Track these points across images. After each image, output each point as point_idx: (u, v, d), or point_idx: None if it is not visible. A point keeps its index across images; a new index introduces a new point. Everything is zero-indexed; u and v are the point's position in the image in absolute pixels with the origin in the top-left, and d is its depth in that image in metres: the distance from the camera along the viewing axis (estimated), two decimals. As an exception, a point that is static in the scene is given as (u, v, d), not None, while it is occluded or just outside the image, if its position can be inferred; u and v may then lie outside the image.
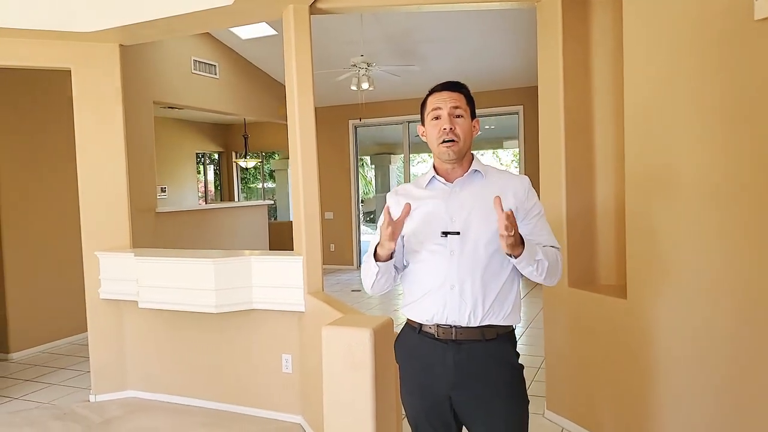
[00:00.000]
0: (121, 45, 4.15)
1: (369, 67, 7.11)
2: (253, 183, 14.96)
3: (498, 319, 1.78)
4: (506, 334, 1.82)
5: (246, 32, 7.51)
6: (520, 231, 1.71)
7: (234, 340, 3.92)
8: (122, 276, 3.98)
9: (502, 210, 1.59)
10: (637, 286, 2.87)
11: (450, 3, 3.63)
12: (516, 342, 1.87)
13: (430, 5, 3.67)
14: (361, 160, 14.25)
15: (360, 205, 10.65)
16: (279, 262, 3.66)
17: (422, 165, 19.00)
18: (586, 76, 3.45)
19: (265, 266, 3.66)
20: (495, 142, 12.17)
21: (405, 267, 1.90)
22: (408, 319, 1.90)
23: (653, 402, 2.81)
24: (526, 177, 1.88)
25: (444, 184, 1.84)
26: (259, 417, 3.81)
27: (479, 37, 7.43)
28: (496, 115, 9.31)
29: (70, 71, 4.05)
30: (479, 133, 1.87)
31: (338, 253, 10.20)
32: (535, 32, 3.62)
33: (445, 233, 1.76)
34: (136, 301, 3.87)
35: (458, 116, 1.80)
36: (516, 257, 1.68)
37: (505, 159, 16.56)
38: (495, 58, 7.86)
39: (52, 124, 5.51)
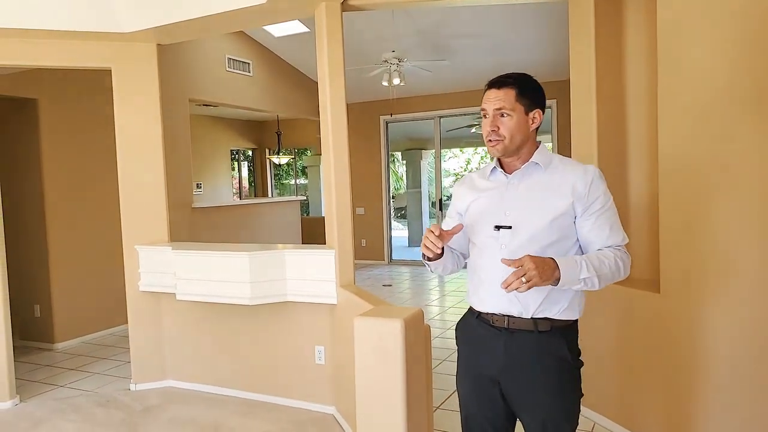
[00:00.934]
0: (158, 44, 4.26)
1: (400, 63, 7.14)
2: (285, 179, 15.14)
3: (552, 313, 1.77)
4: (562, 328, 1.80)
5: (279, 30, 7.61)
6: (579, 225, 1.76)
7: (268, 332, 4.01)
8: (161, 269, 4.10)
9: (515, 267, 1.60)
10: (670, 280, 2.84)
11: (481, -4, 3.63)
12: (574, 336, 1.85)
13: (461, -1, 3.68)
14: (392, 155, 14.29)
15: (391, 200, 10.69)
16: (312, 255, 3.73)
17: (453, 160, 18.97)
18: (619, 70, 3.41)
19: (298, 259, 3.73)
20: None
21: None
22: (470, 306, 1.96)
23: (687, 398, 2.78)
24: (593, 168, 1.80)
25: (504, 175, 1.86)
26: (292, 407, 3.88)
27: (510, 31, 7.37)
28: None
29: (110, 70, 4.19)
30: (539, 123, 1.81)
31: (369, 249, 10.27)
32: (567, 25, 3.60)
33: (498, 227, 1.78)
34: (174, 294, 3.99)
35: (503, 115, 1.78)
36: (556, 283, 1.65)
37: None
38: (526, 52, 7.80)
39: (94, 122, 5.70)
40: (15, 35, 3.89)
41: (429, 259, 1.87)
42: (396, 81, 7.20)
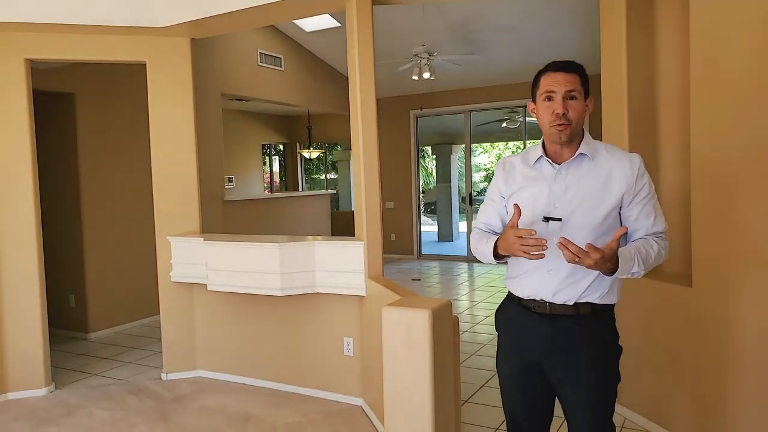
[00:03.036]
0: (192, 39, 4.32)
1: (430, 57, 7.11)
2: (316, 174, 15.24)
3: (594, 299, 1.82)
4: (602, 312, 1.85)
5: (310, 25, 7.65)
6: (625, 214, 1.80)
7: (297, 323, 4.04)
8: (192, 260, 4.17)
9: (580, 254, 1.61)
10: (703, 274, 2.78)
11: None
12: (613, 319, 1.90)
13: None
14: (422, 150, 14.24)
15: (421, 195, 10.66)
16: (341, 247, 3.74)
17: (484, 155, 18.84)
18: (650, 64, 3.34)
19: (327, 251, 3.75)
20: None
21: None
22: (509, 291, 1.97)
23: (720, 396, 2.71)
24: (637, 156, 1.83)
25: (551, 165, 1.84)
26: (320, 398, 3.91)
27: (540, 26, 7.27)
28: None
29: (145, 64, 4.26)
30: (591, 110, 1.84)
31: (399, 243, 10.27)
32: (597, 20, 3.53)
33: (547, 219, 1.79)
34: (205, 284, 4.05)
35: (572, 98, 1.77)
36: (609, 274, 1.72)
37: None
38: (556, 47, 7.67)
39: (129, 116, 5.81)
40: (52, 30, 3.99)
41: (501, 259, 1.87)
42: (426, 75, 7.16)
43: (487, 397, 3.86)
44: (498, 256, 1.85)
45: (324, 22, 7.46)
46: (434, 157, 14.19)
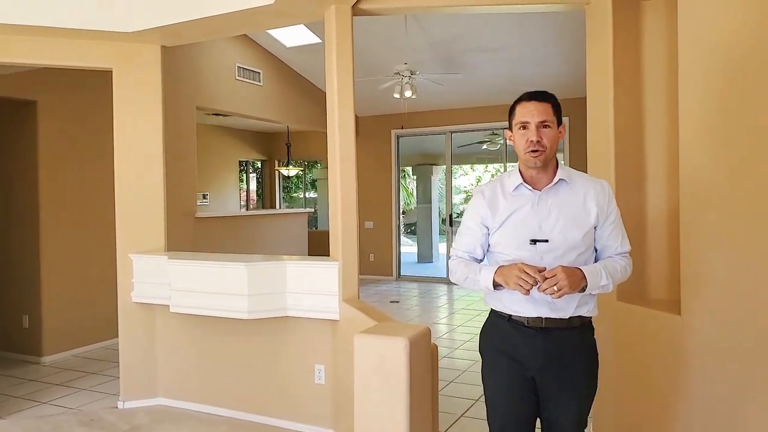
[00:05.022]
0: (163, 46, 4.12)
1: (412, 75, 6.98)
2: (295, 192, 14.99)
3: (583, 312, 1.97)
4: (589, 322, 2.02)
5: (290, 40, 7.50)
6: (597, 235, 1.97)
7: (266, 348, 3.80)
8: (155, 279, 3.91)
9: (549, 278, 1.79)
10: (693, 301, 2.64)
11: (497, 5, 3.48)
12: (593, 330, 2.07)
13: (476, 6, 3.53)
14: (403, 170, 14.11)
15: (401, 215, 10.50)
16: (314, 267, 3.54)
17: (464, 178, 18.78)
18: (637, 80, 3.24)
19: (300, 271, 3.54)
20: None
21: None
22: (494, 310, 2.04)
23: (708, 428, 2.54)
24: (606, 182, 2.02)
25: (531, 191, 1.95)
26: (289, 429, 3.67)
27: (524, 47, 7.22)
28: (541, 126, 9.06)
29: (111, 72, 4.04)
30: (563, 136, 1.98)
31: (377, 264, 10.05)
32: (581, 42, 3.44)
33: (534, 241, 1.90)
34: (168, 306, 3.79)
35: (545, 127, 1.90)
36: (581, 291, 1.87)
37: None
38: (540, 69, 7.64)
39: (94, 125, 5.53)
40: (13, 32, 3.75)
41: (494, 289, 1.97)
42: (408, 93, 7.03)
43: (467, 428, 3.65)
44: (495, 285, 1.93)
45: (304, 37, 7.31)
46: (415, 177, 14.08)
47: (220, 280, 3.57)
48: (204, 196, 10.02)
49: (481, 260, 2.06)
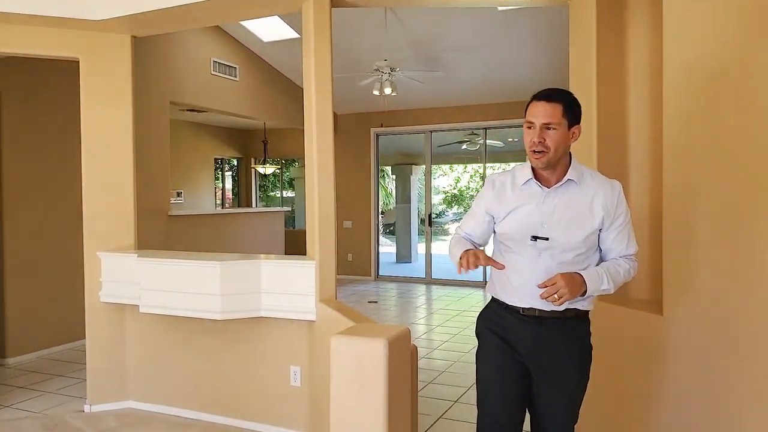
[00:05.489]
0: (133, 36, 3.96)
1: (392, 72, 6.89)
2: (272, 191, 14.80)
3: (577, 305, 1.97)
4: (584, 315, 2.03)
5: (267, 34, 7.36)
6: (602, 236, 1.96)
7: (240, 350, 3.67)
8: (124, 278, 3.76)
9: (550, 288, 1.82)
10: (675, 301, 2.59)
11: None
12: (589, 324, 2.07)
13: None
14: (382, 170, 14.01)
15: (380, 215, 10.40)
16: (290, 266, 3.43)
17: (443, 178, 18.75)
18: (620, 77, 3.19)
19: (275, 270, 3.42)
20: (519, 155, 11.86)
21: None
22: (495, 298, 2.09)
23: (689, 428, 2.50)
24: (618, 183, 1.99)
25: (540, 187, 1.96)
26: (263, 433, 3.54)
27: (506, 47, 7.18)
28: (519, 126, 9.04)
29: (78, 62, 3.87)
30: (577, 138, 1.95)
31: (356, 264, 9.93)
32: (564, 43, 3.38)
33: (535, 238, 1.92)
34: (138, 306, 3.64)
35: (549, 128, 1.88)
36: (582, 295, 1.88)
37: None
38: (521, 68, 7.61)
39: (61, 117, 5.31)
40: (-27, 19, 3.58)
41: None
42: (387, 91, 6.93)
43: (446, 429, 3.57)
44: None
45: (282, 32, 7.18)
46: (394, 177, 13.99)
47: (192, 280, 3.43)
48: (178, 194, 9.80)
49: (480, 245, 2.11)
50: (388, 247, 13.13)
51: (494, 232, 2.09)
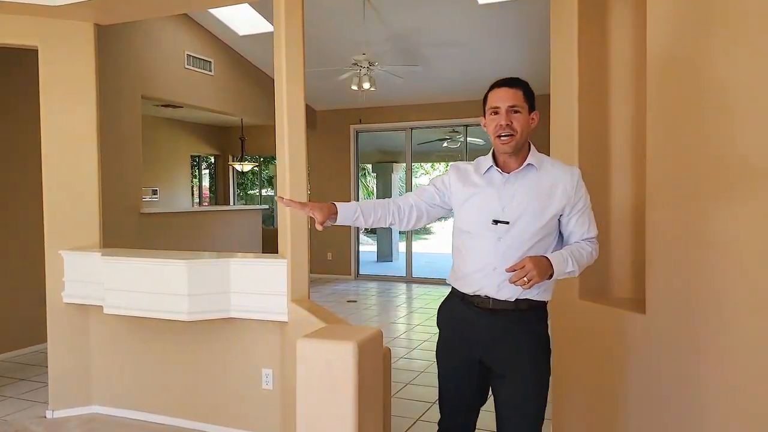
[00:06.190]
0: (96, 24, 3.78)
1: (371, 67, 6.75)
2: (251, 189, 14.58)
3: (533, 295, 1.97)
4: (539, 307, 2.02)
5: (243, 28, 7.18)
6: (563, 221, 2.00)
7: (210, 352, 3.53)
8: (88, 278, 3.59)
9: (519, 271, 1.82)
10: (658, 299, 2.51)
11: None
12: (546, 316, 2.07)
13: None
14: (363, 168, 13.88)
15: (360, 214, 10.25)
16: (261, 265, 3.29)
17: (425, 177, 18.65)
18: (603, 69, 3.10)
19: (245, 270, 3.28)
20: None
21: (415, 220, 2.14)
22: (453, 288, 2.10)
23: (673, 428, 2.42)
24: (577, 169, 2.02)
25: (500, 173, 1.99)
26: (234, 439, 3.40)
27: (487, 42, 7.09)
28: (501, 122, 8.96)
29: (36, 50, 3.68)
30: (536, 124, 1.98)
31: (335, 263, 9.78)
32: (547, 36, 3.28)
33: (496, 222, 1.94)
34: (103, 306, 3.47)
35: (515, 112, 1.92)
36: (549, 278, 1.90)
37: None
38: (502, 64, 7.52)
39: (19, 108, 5.06)
40: (-76, 4, 3.38)
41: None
42: (366, 86, 6.79)
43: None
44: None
45: (258, 25, 7.01)
46: (375, 175, 13.88)
47: (158, 279, 3.28)
48: (154, 192, 9.57)
49: (414, 213, 2.12)
50: (369, 246, 13.02)
51: (454, 227, 2.11)
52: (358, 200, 9.82)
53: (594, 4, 3.07)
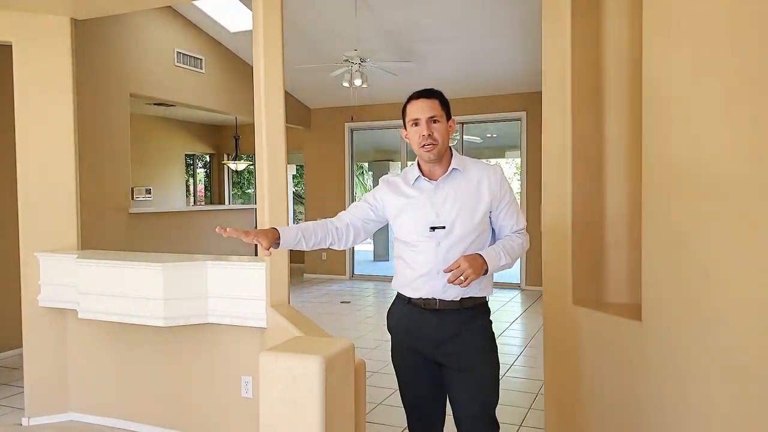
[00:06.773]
0: (73, 18, 3.67)
1: (363, 63, 6.63)
2: (248, 188, 14.48)
3: (474, 292, 2.07)
4: (481, 305, 2.13)
5: (234, 25, 7.06)
6: (492, 217, 2.10)
7: (189, 359, 3.42)
8: (66, 281, 3.48)
9: (456, 270, 1.91)
10: (655, 305, 2.40)
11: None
12: (489, 312, 2.17)
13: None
14: (360, 167, 13.75)
15: (356, 213, 10.13)
16: (239, 268, 3.18)
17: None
18: (597, 66, 2.98)
19: (223, 273, 3.17)
20: (497, 151, 11.66)
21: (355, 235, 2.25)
22: (399, 293, 2.18)
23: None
24: (499, 167, 2.14)
25: (428, 182, 2.08)
26: (213, 448, 3.29)
27: (480, 39, 6.96)
28: (496, 121, 8.84)
29: (11, 46, 3.57)
30: (456, 133, 1.74)
31: (330, 263, 9.66)
32: (538, 34, 3.16)
33: (433, 228, 2.02)
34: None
35: (435, 122, 2.02)
36: (485, 273, 1.99)
37: (508, 172, 16.01)
38: (496, 61, 7.40)
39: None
40: None
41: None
42: (358, 82, 6.66)
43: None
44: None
45: (249, 22, 6.87)
46: (371, 173, 13.75)
47: (134, 283, 3.17)
48: (147, 191, 9.46)
49: (352, 232, 2.22)
50: (365, 245, 12.88)
51: (395, 238, 2.18)
52: (354, 199, 9.72)
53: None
